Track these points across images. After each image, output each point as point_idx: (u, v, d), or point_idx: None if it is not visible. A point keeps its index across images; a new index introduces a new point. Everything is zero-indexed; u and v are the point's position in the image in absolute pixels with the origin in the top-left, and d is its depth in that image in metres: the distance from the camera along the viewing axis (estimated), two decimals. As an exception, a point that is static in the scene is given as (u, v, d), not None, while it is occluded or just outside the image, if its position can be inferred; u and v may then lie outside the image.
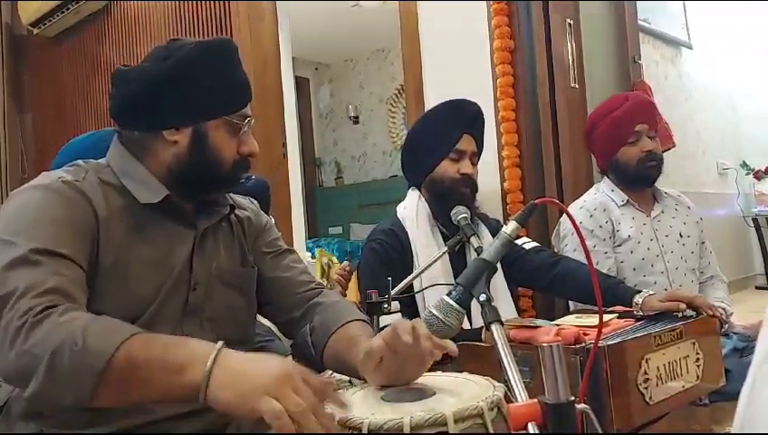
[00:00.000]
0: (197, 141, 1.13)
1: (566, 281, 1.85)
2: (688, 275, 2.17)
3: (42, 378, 0.83)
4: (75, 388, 0.83)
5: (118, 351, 0.83)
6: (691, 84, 4.73)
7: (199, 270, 1.15)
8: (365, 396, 0.96)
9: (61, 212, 1.01)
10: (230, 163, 1.16)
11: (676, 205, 2.28)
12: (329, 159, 7.59)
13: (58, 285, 0.93)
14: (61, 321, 0.87)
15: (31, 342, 0.85)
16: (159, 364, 0.83)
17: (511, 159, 2.70)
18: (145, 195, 1.11)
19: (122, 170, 1.13)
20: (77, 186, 1.06)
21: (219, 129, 1.14)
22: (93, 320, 0.89)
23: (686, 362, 1.41)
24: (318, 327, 1.18)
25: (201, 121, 1.14)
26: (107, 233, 1.05)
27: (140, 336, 0.87)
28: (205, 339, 1.11)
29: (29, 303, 0.89)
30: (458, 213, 1.73)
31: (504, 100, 2.70)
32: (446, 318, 0.97)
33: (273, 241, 1.32)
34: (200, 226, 1.17)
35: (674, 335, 1.39)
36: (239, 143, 1.17)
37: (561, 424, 0.74)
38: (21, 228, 0.98)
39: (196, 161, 1.14)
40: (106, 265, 1.03)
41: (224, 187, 1.21)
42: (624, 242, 2.14)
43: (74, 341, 0.83)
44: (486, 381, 0.97)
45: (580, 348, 1.22)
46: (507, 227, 1.03)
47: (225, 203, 1.24)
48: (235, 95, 1.17)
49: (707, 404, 1.55)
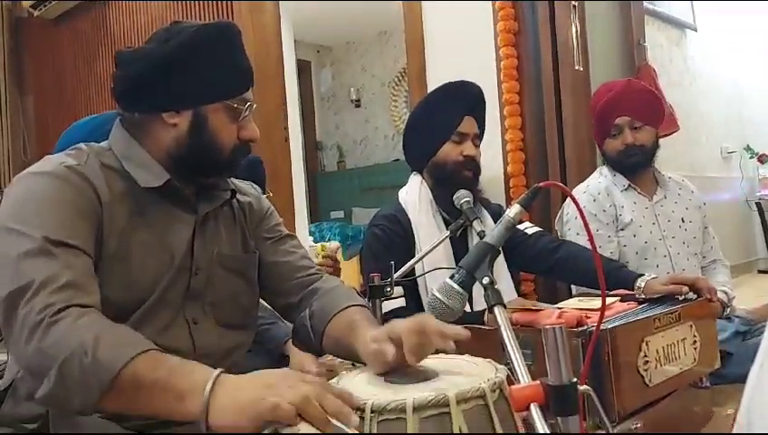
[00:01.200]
0: (197, 125, 1.13)
1: (568, 265, 1.85)
2: (691, 259, 2.18)
3: (52, 383, 0.86)
4: (82, 397, 0.86)
5: (125, 368, 0.85)
6: (696, 68, 4.70)
7: (201, 255, 1.15)
8: (368, 378, 0.96)
9: (66, 199, 1.01)
10: (229, 148, 1.16)
11: (680, 189, 2.28)
12: (330, 142, 7.57)
13: (72, 279, 0.94)
14: (76, 325, 0.89)
15: (47, 341, 0.87)
16: (162, 388, 0.84)
17: (514, 143, 2.69)
18: (146, 179, 1.11)
19: (123, 154, 1.13)
20: (80, 171, 1.06)
21: (219, 113, 1.14)
22: (106, 330, 0.90)
23: (683, 345, 1.42)
24: (317, 312, 1.19)
25: (201, 105, 1.13)
26: (110, 217, 1.05)
27: (148, 356, 0.87)
28: (205, 324, 1.12)
29: (46, 299, 0.90)
30: (461, 197, 1.72)
31: (507, 82, 2.69)
32: (448, 301, 0.97)
33: (274, 226, 1.32)
34: (201, 210, 1.17)
35: (672, 318, 1.40)
36: (239, 128, 1.17)
37: (564, 406, 0.74)
38: (28, 217, 0.98)
39: (195, 145, 1.13)
40: (109, 249, 1.04)
41: (223, 171, 1.20)
42: (626, 226, 2.14)
43: (84, 351, 0.85)
44: (489, 363, 0.97)
45: (582, 331, 1.22)
46: (511, 210, 1.02)
47: (227, 188, 1.24)
48: (236, 79, 1.16)
49: (708, 387, 1.56)
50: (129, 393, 0.85)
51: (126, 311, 1.01)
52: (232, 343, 1.18)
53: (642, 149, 2.16)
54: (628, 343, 1.27)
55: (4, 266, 0.96)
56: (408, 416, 0.82)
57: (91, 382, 0.85)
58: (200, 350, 1.09)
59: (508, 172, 2.71)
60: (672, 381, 1.37)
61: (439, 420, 0.82)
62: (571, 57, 2.61)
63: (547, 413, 0.75)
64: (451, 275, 0.99)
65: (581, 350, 1.17)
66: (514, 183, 2.69)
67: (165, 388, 0.84)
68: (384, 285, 1.48)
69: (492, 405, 0.85)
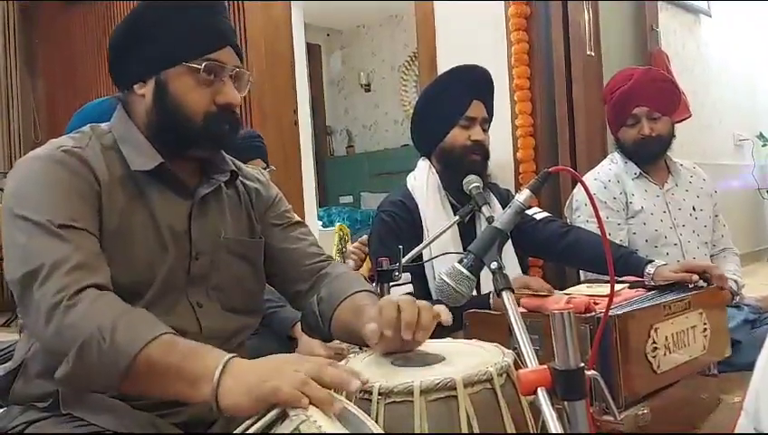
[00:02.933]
0: (159, 92, 1.09)
1: (577, 250, 1.84)
2: (701, 248, 2.17)
3: (71, 365, 0.88)
4: (102, 379, 0.89)
5: (140, 353, 0.86)
6: (709, 54, 4.64)
7: (201, 239, 1.13)
8: (376, 361, 0.97)
9: (65, 182, 1.01)
10: (200, 114, 1.09)
11: (691, 177, 2.26)
12: (340, 127, 7.55)
13: (83, 259, 0.95)
14: (94, 308, 0.90)
15: (66, 323, 0.89)
16: (176, 372, 0.86)
17: (524, 129, 2.67)
18: (138, 162, 1.09)
19: (121, 135, 1.12)
20: (78, 153, 1.05)
21: (182, 77, 1.08)
22: (123, 313, 0.91)
23: (693, 333, 1.41)
24: (325, 298, 1.18)
25: (160, 70, 1.08)
26: (109, 199, 1.05)
27: (163, 340, 0.89)
28: (210, 308, 1.12)
29: (61, 281, 0.91)
30: (470, 182, 1.72)
31: (518, 67, 2.67)
32: (457, 285, 0.97)
33: (284, 213, 1.30)
34: (197, 193, 1.14)
35: (682, 305, 1.40)
36: (214, 93, 1.10)
37: (571, 390, 0.74)
38: (32, 203, 0.99)
39: (160, 113, 1.09)
40: (110, 230, 1.03)
41: (201, 141, 1.11)
42: (637, 214, 2.13)
43: (102, 336, 0.87)
44: (496, 347, 0.97)
45: (591, 317, 1.22)
46: (520, 195, 1.02)
47: (225, 169, 1.20)
48: (198, 39, 1.09)
49: (716, 375, 1.56)
50: (144, 377, 0.87)
51: (130, 293, 1.02)
52: (238, 325, 1.18)
53: (659, 140, 2.14)
54: (637, 330, 1.27)
55: (13, 251, 0.97)
56: (415, 399, 0.83)
57: (109, 367, 0.87)
58: (206, 331, 1.10)
59: (518, 158, 2.70)
60: (681, 369, 1.36)
61: (446, 403, 0.83)
62: (584, 42, 2.58)
63: (554, 397, 0.75)
64: (460, 260, 0.99)
65: (590, 336, 1.17)
66: (524, 169, 2.68)
67: (178, 373, 0.86)
68: (392, 270, 1.48)
69: (499, 389, 0.86)
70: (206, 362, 0.85)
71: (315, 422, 0.72)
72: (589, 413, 0.77)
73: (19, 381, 1.07)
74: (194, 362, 0.86)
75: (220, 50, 1.10)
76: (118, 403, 1.00)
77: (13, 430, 1.00)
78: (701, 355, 1.43)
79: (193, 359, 0.87)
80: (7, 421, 1.04)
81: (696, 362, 1.41)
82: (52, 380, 1.02)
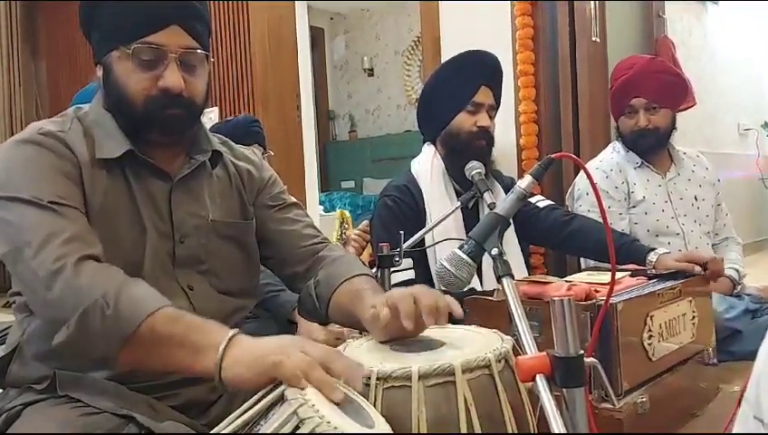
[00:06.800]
0: (105, 76, 1.09)
1: (580, 238, 1.84)
2: (703, 238, 2.16)
3: (72, 331, 0.88)
4: (103, 346, 0.88)
5: (144, 322, 0.87)
6: (715, 42, 4.60)
7: (184, 222, 1.11)
8: (374, 347, 0.97)
9: (49, 163, 1.01)
10: (140, 99, 1.06)
11: (694, 166, 2.25)
12: (342, 111, 7.53)
13: (78, 233, 0.95)
14: (98, 276, 0.91)
15: (69, 288, 0.89)
16: (179, 344, 0.87)
17: (528, 115, 2.66)
18: (106, 148, 1.07)
19: (94, 120, 1.10)
20: (58, 135, 1.04)
21: (121, 61, 1.06)
22: (127, 283, 0.91)
23: (683, 320, 1.42)
24: (323, 280, 1.17)
25: (103, 54, 1.08)
26: (91, 181, 1.04)
27: (167, 311, 0.89)
28: (202, 290, 1.11)
29: (59, 250, 0.91)
30: (472, 168, 1.71)
31: (522, 53, 2.64)
32: (457, 271, 0.97)
33: (278, 194, 1.28)
34: (175, 176, 1.12)
35: (674, 294, 1.41)
36: (158, 76, 1.06)
37: (570, 377, 0.74)
38: (16, 184, 0.98)
39: (107, 98, 1.09)
40: (94, 212, 1.03)
41: (148, 126, 1.08)
42: (638, 204, 2.12)
43: (106, 302, 0.87)
44: (494, 334, 0.97)
45: (591, 304, 1.22)
46: (522, 181, 1.01)
47: (205, 149, 1.17)
48: (128, 20, 1.05)
49: (716, 364, 1.55)
50: (146, 346, 0.88)
51: None
52: (232, 307, 1.17)
53: (656, 133, 2.12)
54: (635, 318, 1.27)
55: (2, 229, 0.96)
56: (413, 384, 0.82)
57: (111, 334, 0.87)
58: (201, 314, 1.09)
59: (521, 144, 2.68)
60: (672, 356, 1.37)
61: (444, 388, 0.82)
62: (589, 28, 2.56)
63: (553, 385, 0.75)
64: (460, 246, 0.98)
65: (590, 323, 1.17)
66: (527, 156, 2.67)
67: (182, 344, 0.86)
68: (393, 255, 1.47)
69: (497, 375, 0.85)
70: (211, 336, 0.86)
71: (313, 406, 0.71)
72: (588, 401, 0.77)
73: (15, 365, 1.07)
74: (199, 334, 0.87)
75: (160, 31, 1.05)
76: (115, 385, 1.00)
77: (10, 411, 1.00)
78: (689, 343, 1.44)
79: (198, 331, 0.87)
80: (5, 403, 1.04)
81: (684, 350, 1.42)
82: (47, 362, 1.02)
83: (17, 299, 1.07)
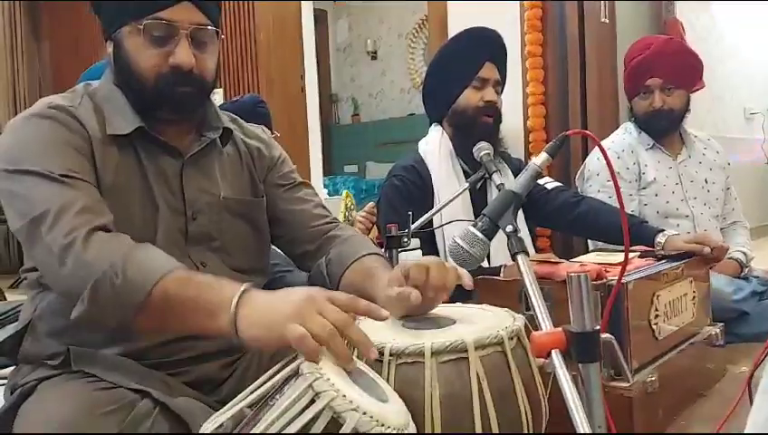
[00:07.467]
0: (116, 52, 1.08)
1: (589, 220, 1.83)
2: (712, 221, 2.16)
3: (86, 304, 0.89)
4: (118, 315, 0.89)
5: (155, 287, 0.87)
6: (723, 25, 4.56)
7: (196, 199, 1.11)
8: (387, 323, 0.96)
9: (60, 136, 1.01)
10: (152, 76, 1.05)
11: (705, 149, 2.24)
12: (345, 95, 7.49)
13: (89, 204, 0.95)
14: (106, 247, 0.91)
15: (81, 262, 0.89)
16: (192, 306, 0.87)
17: (535, 97, 2.64)
18: (116, 125, 1.07)
19: (104, 96, 1.10)
20: (68, 109, 1.04)
21: (132, 37, 1.05)
22: (134, 250, 0.92)
23: (685, 301, 1.43)
24: (334, 259, 1.18)
25: (115, 30, 1.07)
26: (102, 156, 1.04)
27: (177, 274, 0.89)
28: (215, 267, 1.11)
29: (71, 223, 0.91)
30: (481, 149, 1.70)
31: (531, 34, 2.62)
32: (470, 248, 0.96)
33: (288, 173, 1.28)
34: (186, 153, 1.12)
35: (677, 274, 1.41)
36: (169, 53, 1.05)
37: (586, 352, 0.74)
38: (27, 157, 0.98)
39: (118, 75, 1.09)
40: (105, 187, 1.03)
41: (159, 103, 1.07)
42: (649, 185, 2.12)
43: (115, 272, 0.88)
44: (506, 312, 0.97)
45: (602, 284, 1.21)
46: (537, 158, 1.00)
47: (218, 126, 1.17)
48: None
49: (723, 345, 1.56)
50: (160, 311, 0.88)
51: None
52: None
53: (671, 114, 2.11)
54: (643, 297, 1.28)
55: (14, 202, 0.97)
56: (426, 360, 0.82)
57: (124, 302, 0.87)
58: None
59: (528, 126, 2.67)
60: (674, 336, 1.38)
61: (457, 365, 0.83)
62: (597, 9, 2.54)
63: (568, 360, 0.75)
64: (474, 223, 0.98)
65: (600, 302, 1.17)
66: (534, 138, 2.66)
67: (195, 305, 0.87)
68: (401, 236, 1.47)
69: (509, 352, 0.85)
70: (223, 293, 0.86)
71: (328, 380, 0.71)
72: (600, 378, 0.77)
73: (27, 341, 1.07)
74: (211, 293, 0.87)
75: (173, 6, 1.05)
76: (129, 361, 1.00)
77: (24, 386, 1.00)
78: (688, 323, 1.44)
79: (209, 290, 0.87)
80: (19, 378, 1.04)
81: (685, 330, 1.42)
82: (60, 338, 1.02)
83: (29, 275, 1.07)
